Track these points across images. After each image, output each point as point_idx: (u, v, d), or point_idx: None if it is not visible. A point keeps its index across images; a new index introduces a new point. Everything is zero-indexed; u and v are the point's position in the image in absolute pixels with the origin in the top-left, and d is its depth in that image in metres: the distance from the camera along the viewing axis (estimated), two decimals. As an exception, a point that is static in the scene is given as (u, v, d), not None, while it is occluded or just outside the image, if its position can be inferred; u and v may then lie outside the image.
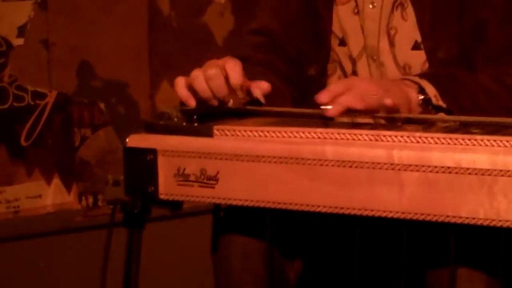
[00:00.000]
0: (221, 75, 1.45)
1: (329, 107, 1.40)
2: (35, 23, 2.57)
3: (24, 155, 2.58)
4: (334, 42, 1.76)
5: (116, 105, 2.74)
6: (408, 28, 1.70)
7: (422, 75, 1.58)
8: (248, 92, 1.52)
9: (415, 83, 1.53)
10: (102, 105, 2.70)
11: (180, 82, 1.48)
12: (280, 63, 1.76)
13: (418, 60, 1.69)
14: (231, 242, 1.52)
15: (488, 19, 1.64)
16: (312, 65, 1.76)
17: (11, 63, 2.53)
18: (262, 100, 1.52)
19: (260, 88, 1.52)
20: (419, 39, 1.68)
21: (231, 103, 1.50)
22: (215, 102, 1.48)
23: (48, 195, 2.64)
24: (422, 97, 1.50)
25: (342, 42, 1.77)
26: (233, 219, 1.52)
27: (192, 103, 1.47)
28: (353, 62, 1.75)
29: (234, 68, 1.47)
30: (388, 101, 1.39)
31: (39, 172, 2.63)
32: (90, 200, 2.69)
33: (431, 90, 1.52)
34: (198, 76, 1.46)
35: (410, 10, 1.67)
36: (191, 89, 1.47)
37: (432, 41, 1.68)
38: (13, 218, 2.56)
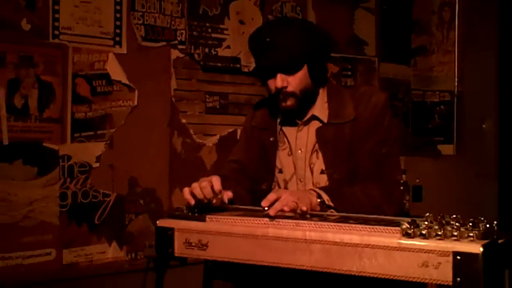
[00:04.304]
0: (209, 186, 1.77)
1: (266, 207, 1.68)
2: (106, 154, 3.22)
3: (96, 229, 3.20)
4: (276, 171, 2.06)
5: (149, 202, 3.38)
6: (319, 162, 1.97)
7: (321, 188, 1.85)
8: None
9: (315, 192, 1.80)
10: (141, 201, 3.36)
11: (186, 190, 1.78)
12: (245, 181, 2.07)
13: (323, 179, 1.97)
14: (215, 285, 1.81)
15: (360, 157, 1.96)
16: (264, 183, 2.06)
17: (91, 177, 3.17)
18: (226, 201, 1.83)
19: (227, 195, 1.84)
20: (324, 168, 1.98)
21: (214, 201, 1.80)
22: (205, 201, 1.77)
23: (109, 252, 3.24)
24: (319, 200, 1.79)
25: (280, 171, 2.06)
26: (216, 269, 1.83)
27: (192, 202, 1.77)
28: (286, 182, 2.05)
29: (216, 182, 1.78)
30: (304, 208, 1.66)
31: (104, 239, 3.23)
32: (133, 255, 3.32)
33: (325, 196, 1.80)
34: (196, 187, 1.77)
35: (319, 153, 1.99)
36: (192, 193, 1.77)
37: (331, 170, 1.96)
38: (88, 265, 3.14)
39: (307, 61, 1.93)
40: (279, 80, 1.92)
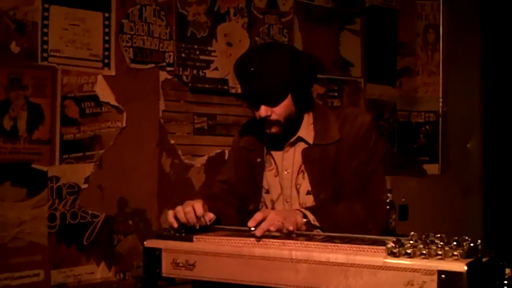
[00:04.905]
0: (192, 210, 1.79)
1: (252, 228, 1.68)
2: (95, 175, 3.24)
3: (85, 249, 3.21)
4: (263, 191, 2.09)
5: (138, 222, 3.39)
6: (305, 183, 1.99)
7: (306, 208, 1.88)
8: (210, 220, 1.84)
9: (301, 212, 1.83)
10: (130, 222, 3.37)
11: (170, 213, 1.82)
12: (234, 200, 2.10)
13: (310, 200, 1.99)
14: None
15: (346, 176, 1.97)
16: (251, 203, 2.08)
17: (80, 198, 3.18)
18: (207, 223, 1.82)
19: (208, 217, 1.85)
20: (310, 188, 2.00)
21: (197, 226, 1.81)
22: (189, 225, 1.79)
23: (98, 272, 3.24)
24: (305, 220, 1.81)
25: (267, 192, 2.08)
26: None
27: (175, 225, 1.79)
28: (273, 203, 2.07)
29: (198, 207, 1.80)
30: (290, 228, 1.69)
31: (93, 259, 3.24)
32: (122, 275, 3.32)
33: (310, 216, 1.82)
34: (179, 211, 1.81)
35: (305, 174, 2.01)
36: (175, 217, 1.81)
37: (317, 190, 1.98)
38: (77, 285, 3.15)
39: (291, 90, 1.94)
40: (263, 111, 1.94)
